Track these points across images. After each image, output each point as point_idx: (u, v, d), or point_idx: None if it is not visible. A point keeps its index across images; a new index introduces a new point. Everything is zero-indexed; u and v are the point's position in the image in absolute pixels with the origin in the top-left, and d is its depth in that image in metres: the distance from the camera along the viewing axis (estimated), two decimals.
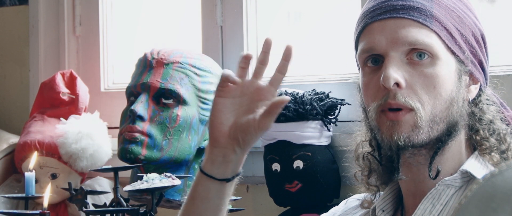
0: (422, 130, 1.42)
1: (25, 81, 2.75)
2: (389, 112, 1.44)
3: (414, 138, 1.43)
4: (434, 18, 1.44)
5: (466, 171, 1.46)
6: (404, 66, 1.43)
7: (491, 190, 1.24)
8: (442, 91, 1.43)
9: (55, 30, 2.72)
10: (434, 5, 1.45)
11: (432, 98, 1.43)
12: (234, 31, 2.44)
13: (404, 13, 1.44)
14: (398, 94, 1.42)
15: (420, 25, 1.43)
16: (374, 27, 1.46)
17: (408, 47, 1.43)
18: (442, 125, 1.44)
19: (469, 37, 1.46)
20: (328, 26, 2.40)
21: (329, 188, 2.16)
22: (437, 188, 1.46)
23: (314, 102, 2.14)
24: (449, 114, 1.44)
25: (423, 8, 1.44)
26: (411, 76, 1.43)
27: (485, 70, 1.49)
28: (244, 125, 1.43)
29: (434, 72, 1.43)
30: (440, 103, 1.43)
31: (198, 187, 1.49)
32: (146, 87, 2.18)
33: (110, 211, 1.96)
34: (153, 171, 2.07)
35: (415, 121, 1.42)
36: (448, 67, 1.44)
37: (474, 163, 1.47)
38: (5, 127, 2.69)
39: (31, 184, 2.06)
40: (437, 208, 1.45)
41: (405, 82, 1.42)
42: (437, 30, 1.43)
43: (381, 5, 1.47)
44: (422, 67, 1.43)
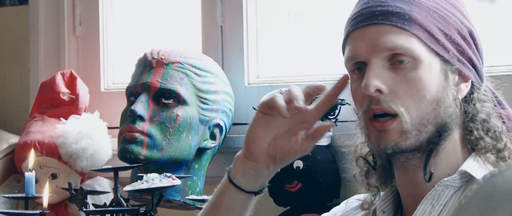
0: (410, 134, 1.43)
1: (25, 81, 2.75)
2: (375, 122, 1.45)
3: (402, 144, 1.43)
4: (414, 21, 1.44)
5: (465, 172, 1.46)
6: (387, 72, 1.44)
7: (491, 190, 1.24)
8: (426, 94, 1.43)
9: (55, 30, 2.72)
10: (414, 8, 1.45)
11: (416, 101, 1.43)
12: (234, 31, 2.44)
13: (383, 19, 1.45)
14: (381, 99, 1.43)
15: (399, 29, 1.44)
16: (355, 35, 1.48)
17: (388, 52, 1.44)
18: (431, 127, 1.44)
19: (454, 35, 1.46)
20: (328, 26, 2.40)
21: (329, 188, 2.16)
22: (436, 188, 1.46)
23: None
24: (436, 115, 1.44)
25: (402, 12, 1.44)
26: (393, 81, 1.43)
27: (476, 67, 1.49)
28: (285, 146, 1.46)
29: (416, 76, 1.43)
30: (425, 105, 1.43)
31: (224, 196, 1.50)
32: (146, 87, 2.18)
33: (110, 211, 1.96)
34: (153, 171, 2.07)
35: (402, 127, 1.43)
36: (431, 69, 1.44)
37: (473, 164, 1.47)
38: (5, 127, 2.69)
39: (31, 184, 2.06)
40: (436, 208, 1.45)
41: (388, 87, 1.43)
42: (417, 33, 1.44)
43: (361, 12, 1.48)
44: (404, 71, 1.43)
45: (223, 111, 2.24)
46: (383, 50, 1.44)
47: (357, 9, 1.49)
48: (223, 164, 2.40)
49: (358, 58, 1.47)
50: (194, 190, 2.23)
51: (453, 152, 1.48)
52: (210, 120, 2.21)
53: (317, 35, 2.42)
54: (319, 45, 2.41)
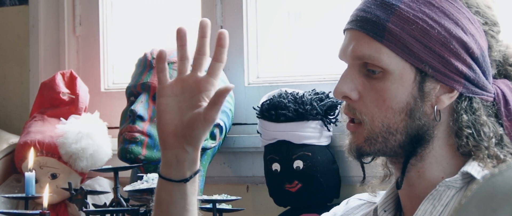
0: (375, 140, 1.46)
1: (25, 81, 2.75)
2: (348, 123, 1.49)
3: (366, 149, 1.47)
4: (387, 32, 1.44)
5: (466, 172, 1.46)
6: (361, 78, 1.47)
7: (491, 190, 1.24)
8: (393, 104, 1.45)
9: (55, 30, 2.72)
10: (392, 18, 1.45)
11: (382, 111, 1.45)
12: (234, 31, 2.44)
13: (360, 26, 1.47)
14: (350, 105, 1.48)
15: (370, 39, 1.45)
16: (345, 34, 1.52)
17: (358, 61, 1.47)
18: (400, 136, 1.46)
19: (435, 47, 1.44)
20: (328, 26, 2.40)
21: (329, 188, 2.16)
22: (437, 189, 1.46)
23: (314, 102, 2.14)
24: (406, 125, 1.46)
25: (377, 22, 1.45)
26: (364, 88, 1.46)
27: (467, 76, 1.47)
28: (189, 122, 1.43)
29: (384, 87, 1.45)
30: (393, 115, 1.45)
31: (160, 192, 1.49)
32: (146, 87, 2.18)
33: (110, 211, 1.96)
34: (153, 171, 2.07)
35: (366, 133, 1.46)
36: (402, 80, 1.45)
37: (475, 165, 1.47)
38: (5, 127, 2.69)
39: (31, 184, 2.06)
40: (437, 209, 1.45)
41: (358, 94, 1.47)
42: (387, 44, 1.44)
43: (353, 13, 1.50)
44: (375, 81, 1.46)
45: (223, 111, 2.24)
46: (353, 58, 1.47)
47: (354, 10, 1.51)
48: (223, 164, 2.40)
49: (342, 59, 1.51)
50: None
51: (442, 157, 1.49)
52: None
53: (317, 35, 2.42)
54: (319, 45, 2.41)
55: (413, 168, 1.49)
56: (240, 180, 2.39)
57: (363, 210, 1.63)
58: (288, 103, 2.14)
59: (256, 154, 2.32)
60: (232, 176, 2.39)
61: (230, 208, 2.00)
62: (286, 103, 2.14)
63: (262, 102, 2.20)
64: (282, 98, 2.15)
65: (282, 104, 2.14)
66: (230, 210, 2.00)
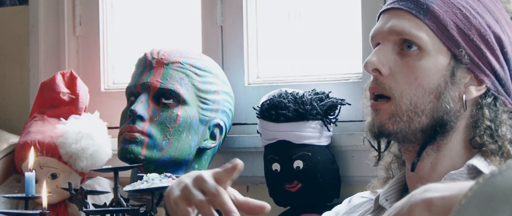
0: (400, 118, 1.46)
1: (25, 81, 2.74)
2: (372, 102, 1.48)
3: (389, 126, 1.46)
4: (430, 12, 1.46)
5: (472, 166, 1.46)
6: (393, 55, 1.47)
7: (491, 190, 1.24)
8: (424, 83, 1.45)
9: (55, 30, 2.72)
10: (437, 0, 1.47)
11: (412, 88, 1.45)
12: (234, 31, 2.44)
13: (403, 4, 1.48)
14: (378, 80, 1.47)
15: (412, 16, 1.47)
16: (382, 16, 1.52)
17: (397, 36, 1.47)
18: (425, 118, 1.46)
19: (473, 36, 1.47)
20: (328, 26, 2.40)
21: (329, 188, 2.16)
22: (442, 181, 1.46)
23: (314, 102, 2.14)
24: (433, 108, 1.46)
25: (422, 1, 1.47)
26: (396, 65, 1.46)
27: (497, 73, 1.48)
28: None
29: (418, 64, 1.46)
30: (422, 95, 1.45)
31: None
32: (146, 87, 2.18)
33: (110, 211, 1.96)
34: (153, 171, 2.07)
35: (392, 110, 1.46)
36: (437, 61, 1.46)
37: (481, 159, 1.48)
38: (5, 127, 2.69)
39: (31, 184, 2.06)
40: None
41: (389, 70, 1.46)
42: (429, 23, 1.46)
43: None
44: (409, 58, 1.46)
45: (223, 111, 2.24)
46: (391, 33, 1.47)
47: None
48: (223, 164, 2.40)
49: (375, 39, 1.51)
50: None
51: (456, 150, 1.49)
52: (210, 120, 2.21)
53: (317, 35, 2.42)
54: (319, 45, 2.41)
55: (427, 158, 1.49)
56: (240, 180, 2.38)
57: (365, 207, 1.64)
58: (288, 103, 2.14)
59: (256, 154, 2.32)
60: None
61: None
62: (286, 103, 2.14)
63: (262, 102, 2.20)
64: (282, 98, 2.15)
65: (282, 104, 2.14)
66: None
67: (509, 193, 1.22)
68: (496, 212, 1.21)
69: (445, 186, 1.07)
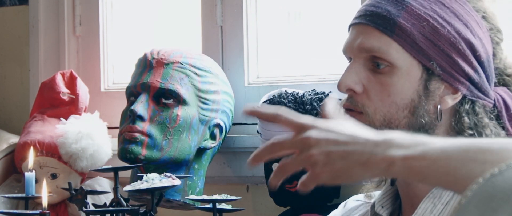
0: None
1: (25, 81, 2.74)
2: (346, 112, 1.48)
3: None
4: (397, 27, 1.45)
5: None
6: (365, 72, 1.47)
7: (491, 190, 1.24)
8: (397, 100, 1.45)
9: (55, 30, 2.72)
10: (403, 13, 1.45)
11: (386, 105, 1.45)
12: (234, 31, 2.44)
13: (370, 21, 1.47)
14: (353, 98, 1.47)
15: (380, 33, 1.46)
16: (351, 30, 1.52)
17: (366, 53, 1.46)
18: None
19: (443, 46, 1.44)
20: (328, 26, 2.40)
21: (329, 188, 2.16)
22: (437, 187, 1.46)
23: (314, 102, 2.14)
24: (408, 123, 1.46)
25: (388, 17, 1.45)
26: (369, 82, 1.46)
27: (472, 79, 1.47)
28: None
29: (390, 81, 1.45)
30: (396, 111, 1.45)
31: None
32: (146, 87, 2.18)
33: (110, 211, 1.96)
34: (153, 171, 2.07)
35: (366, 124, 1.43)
36: (409, 76, 1.45)
37: None
38: (5, 127, 2.69)
39: (31, 184, 2.06)
40: (438, 207, 1.45)
41: (363, 87, 1.46)
42: (396, 39, 1.44)
43: (361, 9, 1.51)
44: (381, 75, 1.46)
45: (223, 111, 2.24)
46: (361, 51, 1.47)
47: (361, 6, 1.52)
48: (223, 164, 2.40)
49: (347, 53, 1.51)
50: (194, 190, 2.23)
51: None
52: (210, 120, 2.21)
53: (317, 35, 2.42)
54: (319, 45, 2.41)
55: None
56: (240, 180, 2.39)
57: (361, 210, 1.63)
58: (288, 103, 2.14)
59: None
60: (232, 176, 2.39)
61: (230, 208, 2.00)
62: (286, 103, 2.14)
63: (262, 102, 2.20)
64: (282, 98, 2.15)
65: (282, 104, 2.14)
66: (230, 210, 2.00)
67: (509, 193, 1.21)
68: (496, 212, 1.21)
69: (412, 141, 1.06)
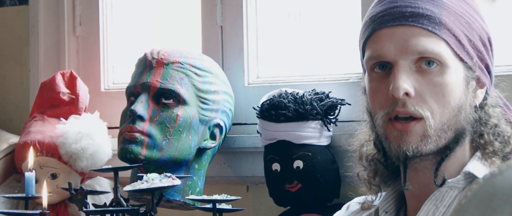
0: (431, 139, 1.42)
1: (25, 81, 2.74)
2: (396, 122, 1.43)
3: (423, 148, 1.43)
4: (443, 26, 1.42)
5: (469, 172, 1.46)
6: (413, 75, 1.43)
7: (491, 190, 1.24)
8: (451, 100, 1.43)
9: (55, 30, 2.72)
10: (443, 12, 1.43)
11: (441, 106, 1.42)
12: (234, 31, 2.44)
13: (414, 21, 1.43)
14: (407, 102, 1.42)
15: (430, 33, 1.42)
16: (382, 33, 1.45)
17: (418, 55, 1.42)
18: (450, 133, 1.44)
19: (476, 42, 1.45)
20: (328, 26, 2.40)
21: (329, 188, 2.16)
22: (440, 190, 1.45)
23: (314, 102, 2.14)
24: (457, 122, 1.44)
25: (432, 16, 1.43)
26: (420, 84, 1.42)
27: (491, 73, 1.49)
28: None
29: (443, 81, 1.42)
30: (449, 111, 1.43)
31: None
32: (146, 87, 2.18)
33: (110, 211, 1.96)
34: (153, 171, 2.07)
35: (425, 131, 1.42)
36: (457, 75, 1.44)
37: (477, 164, 1.47)
38: (5, 127, 2.69)
39: (31, 184, 2.06)
40: (440, 210, 1.45)
41: (415, 90, 1.42)
42: (446, 38, 1.42)
43: (389, 11, 1.45)
44: (431, 75, 1.42)
45: (223, 111, 2.24)
46: (413, 53, 1.42)
47: (383, 7, 1.47)
48: (223, 164, 2.40)
49: (385, 58, 1.45)
50: (194, 190, 2.23)
51: (462, 155, 1.48)
52: (210, 120, 2.21)
53: (317, 35, 2.42)
54: (319, 45, 2.41)
55: (432, 168, 1.48)
56: (240, 180, 2.39)
57: (363, 213, 1.63)
58: (288, 103, 2.14)
59: (256, 154, 2.32)
60: (232, 176, 2.39)
61: (230, 208, 2.00)
62: (286, 103, 2.14)
63: (262, 102, 2.20)
64: (282, 98, 2.15)
65: (282, 104, 2.14)
66: (230, 210, 2.00)
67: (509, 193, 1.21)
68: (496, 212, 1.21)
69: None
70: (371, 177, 1.57)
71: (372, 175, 1.57)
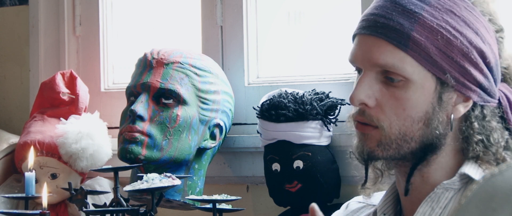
0: (389, 146, 1.45)
1: (25, 81, 2.74)
2: (358, 124, 1.48)
3: (379, 153, 1.46)
4: (411, 41, 1.42)
5: (464, 174, 1.46)
6: (378, 85, 1.45)
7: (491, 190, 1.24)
8: (413, 113, 1.44)
9: (55, 30, 2.72)
10: (416, 26, 1.43)
11: (401, 119, 1.44)
12: (234, 31, 2.44)
13: (382, 33, 1.44)
14: (366, 112, 1.46)
15: (394, 48, 1.43)
16: (358, 39, 1.48)
17: (380, 68, 1.44)
18: (414, 144, 1.46)
19: (457, 57, 1.43)
20: (328, 26, 2.40)
21: (329, 188, 2.16)
22: (435, 191, 1.46)
23: (314, 102, 2.14)
24: (422, 134, 1.45)
25: (401, 30, 1.43)
26: (382, 95, 1.45)
27: (482, 86, 1.47)
28: None
29: (405, 96, 1.44)
30: (410, 124, 1.44)
31: None
32: (146, 87, 2.18)
33: (110, 211, 1.96)
34: (153, 171, 2.07)
35: (380, 138, 1.45)
36: (423, 89, 1.44)
37: (473, 166, 1.47)
38: (5, 127, 2.69)
39: (31, 184, 2.06)
40: (436, 211, 1.45)
41: (375, 101, 1.45)
42: (412, 54, 1.43)
43: (368, 18, 1.47)
44: (394, 89, 1.44)
45: (223, 111, 2.24)
46: (374, 65, 1.45)
47: (367, 12, 1.48)
48: (223, 164, 2.40)
49: (355, 64, 1.49)
50: (194, 190, 2.23)
51: (447, 163, 1.49)
52: (210, 120, 2.21)
53: (317, 35, 2.42)
54: (319, 45, 2.41)
55: (418, 173, 1.49)
56: (240, 180, 2.39)
57: (363, 212, 1.63)
58: (288, 103, 2.14)
59: (256, 154, 2.32)
60: (232, 176, 2.39)
61: (230, 208, 2.00)
62: (286, 103, 2.14)
63: (262, 102, 2.20)
64: (282, 98, 2.15)
65: (282, 104, 2.14)
66: (230, 210, 2.00)
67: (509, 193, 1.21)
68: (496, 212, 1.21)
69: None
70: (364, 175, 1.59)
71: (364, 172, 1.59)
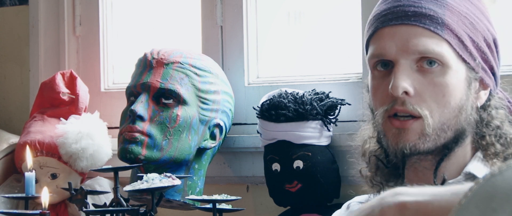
0: (429, 138, 1.43)
1: (25, 81, 2.74)
2: (395, 120, 1.44)
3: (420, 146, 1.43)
4: (446, 26, 1.42)
5: (469, 173, 1.46)
6: (414, 74, 1.43)
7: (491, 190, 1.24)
8: (451, 100, 1.43)
9: (55, 30, 2.72)
10: (447, 12, 1.43)
11: (441, 106, 1.42)
12: (234, 31, 2.44)
13: (416, 21, 1.43)
14: (406, 101, 1.42)
15: (431, 33, 1.42)
16: (384, 32, 1.46)
17: (419, 55, 1.43)
18: (450, 133, 1.44)
19: (480, 43, 1.45)
20: (328, 26, 2.40)
21: (329, 188, 2.16)
22: None
23: (314, 102, 2.14)
24: (457, 122, 1.44)
25: (435, 16, 1.43)
26: (420, 83, 1.43)
27: (495, 74, 1.48)
28: None
29: (444, 81, 1.42)
30: (449, 111, 1.43)
31: None
32: (146, 87, 2.18)
33: (110, 211, 1.96)
34: (153, 171, 2.07)
35: (423, 129, 1.42)
36: (458, 76, 1.43)
37: (478, 165, 1.47)
38: (5, 127, 2.69)
39: (31, 184, 2.06)
40: None
41: (414, 90, 1.42)
42: (448, 38, 1.42)
43: (392, 10, 1.46)
44: (432, 75, 1.43)
45: (223, 111, 2.24)
46: (413, 53, 1.43)
47: (387, 6, 1.47)
48: (223, 164, 2.40)
49: (386, 57, 1.45)
50: (194, 190, 2.23)
51: (462, 156, 1.48)
52: (210, 120, 2.21)
53: (317, 35, 2.42)
54: (319, 45, 2.41)
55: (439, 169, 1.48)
56: (240, 180, 2.39)
57: None
58: (288, 103, 2.14)
59: (256, 154, 2.32)
60: (232, 176, 2.39)
61: (230, 208, 2.00)
62: (286, 103, 2.14)
63: (262, 102, 2.20)
64: (282, 98, 2.15)
65: (282, 104, 2.14)
66: (230, 210, 2.00)
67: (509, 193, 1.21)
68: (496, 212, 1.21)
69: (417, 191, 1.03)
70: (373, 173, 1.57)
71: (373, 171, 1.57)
